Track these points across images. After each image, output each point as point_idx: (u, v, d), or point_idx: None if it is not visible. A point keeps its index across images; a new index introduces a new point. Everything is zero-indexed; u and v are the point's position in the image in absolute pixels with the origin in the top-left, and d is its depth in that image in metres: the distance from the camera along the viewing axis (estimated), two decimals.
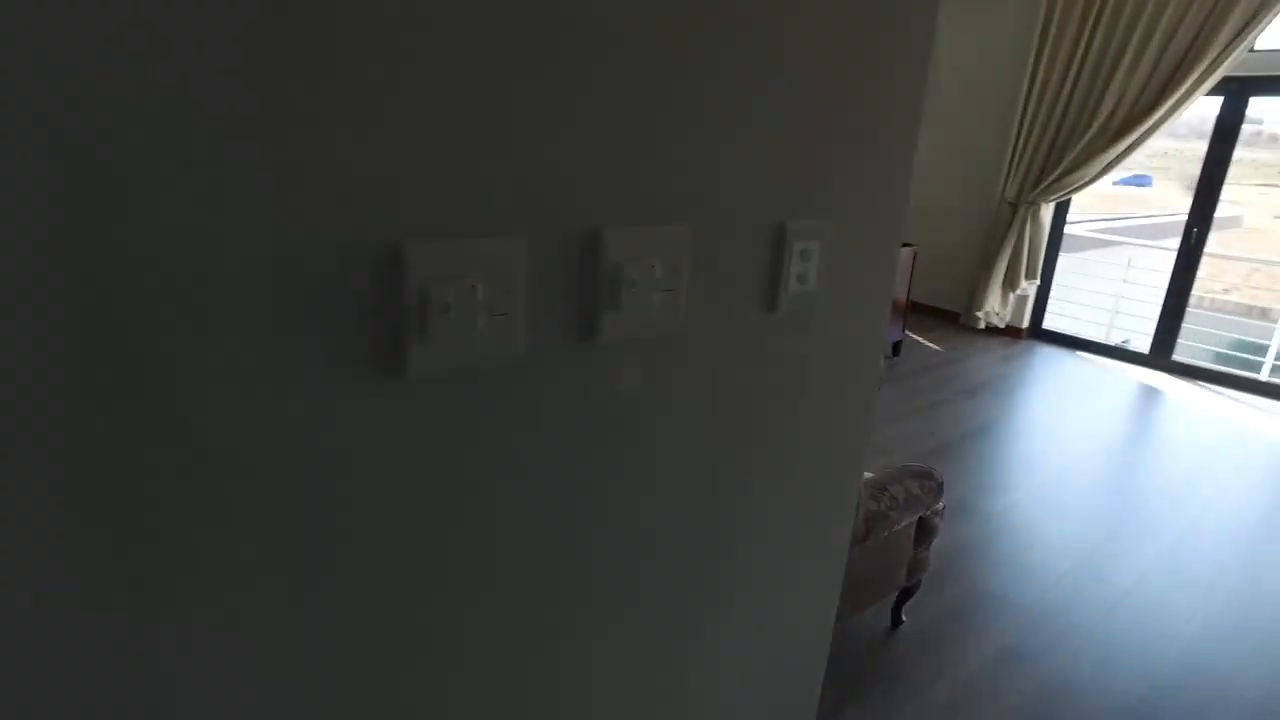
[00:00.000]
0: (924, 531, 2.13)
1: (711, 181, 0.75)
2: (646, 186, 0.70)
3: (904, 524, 1.96)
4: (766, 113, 0.76)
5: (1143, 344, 5.54)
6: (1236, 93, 4.91)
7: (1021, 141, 5.48)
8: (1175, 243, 5.32)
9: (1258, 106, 4.95)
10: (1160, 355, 5.35)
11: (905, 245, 4.86)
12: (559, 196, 0.65)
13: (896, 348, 5.00)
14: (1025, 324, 5.85)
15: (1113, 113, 5.06)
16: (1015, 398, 4.48)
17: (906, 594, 2.28)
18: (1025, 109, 5.44)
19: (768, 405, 0.89)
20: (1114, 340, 6.07)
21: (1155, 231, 9.54)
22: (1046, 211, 5.56)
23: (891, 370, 4.76)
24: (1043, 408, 4.38)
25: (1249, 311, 13.90)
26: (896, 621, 2.32)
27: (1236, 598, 2.67)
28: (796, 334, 0.89)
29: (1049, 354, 5.48)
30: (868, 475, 2.03)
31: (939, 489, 2.01)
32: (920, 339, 5.49)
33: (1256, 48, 4.76)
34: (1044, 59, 5.28)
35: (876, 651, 2.24)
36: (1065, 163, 5.27)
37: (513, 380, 0.66)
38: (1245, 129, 4.99)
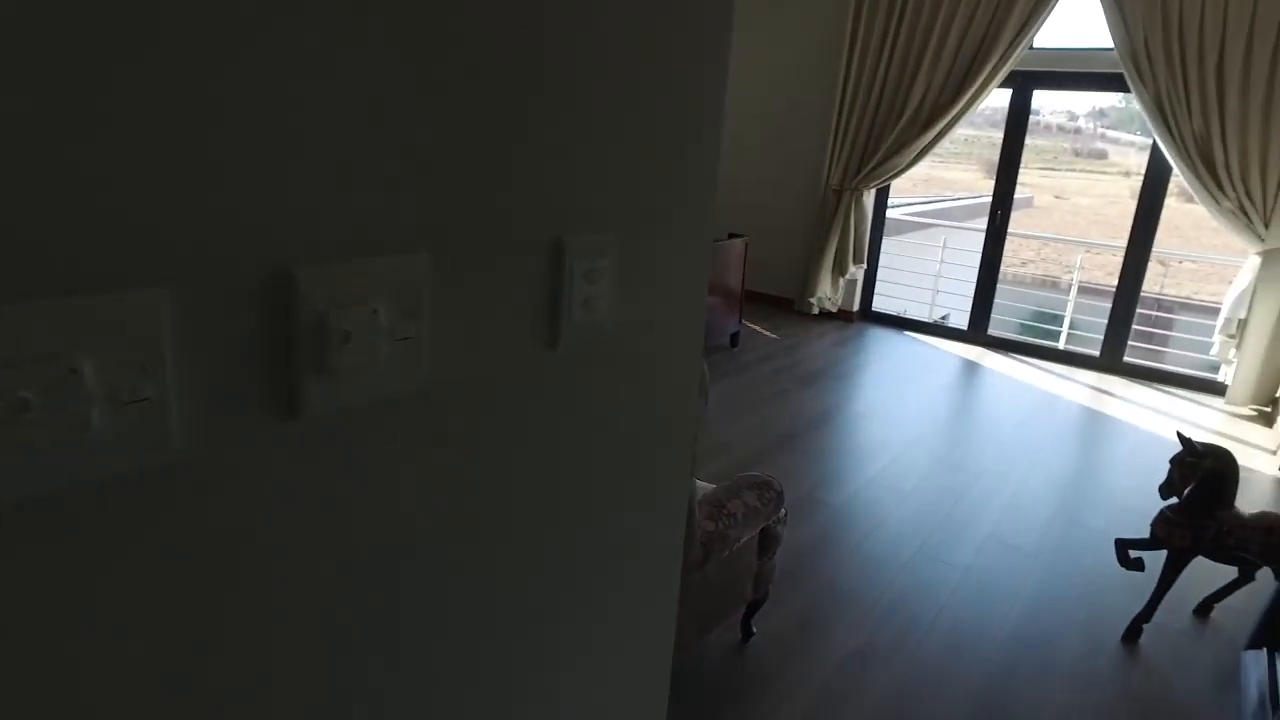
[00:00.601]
0: (767, 542, 2.05)
1: (458, 192, 0.56)
2: (361, 204, 0.51)
3: (746, 539, 1.86)
4: (527, 111, 0.58)
5: (962, 320, 5.86)
6: (1022, 85, 5.25)
7: (841, 131, 5.63)
8: (983, 223, 5.64)
9: (1035, 99, 5.33)
10: (977, 330, 5.67)
11: (736, 236, 4.87)
12: (215, 227, 0.44)
13: (735, 338, 5.01)
14: (856, 307, 6.04)
15: (921, 103, 5.29)
16: (851, 382, 4.59)
17: (755, 605, 2.19)
18: (843, 100, 5.59)
19: (559, 461, 0.72)
20: (936, 318, 6.41)
21: (964, 213, 10.23)
22: (869, 198, 5.75)
23: (731, 362, 4.75)
24: (877, 390, 4.50)
25: (1043, 283, 15.35)
26: (747, 634, 2.24)
27: (1058, 562, 2.79)
28: (590, 371, 0.72)
29: (879, 335, 5.69)
30: (703, 490, 1.92)
31: (779, 497, 1.93)
32: (757, 328, 5.54)
33: (1036, 45, 5.10)
34: (856, 52, 5.45)
35: (728, 670, 2.14)
36: (882, 150, 5.46)
37: (159, 493, 0.45)
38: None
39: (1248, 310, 4.55)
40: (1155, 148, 4.76)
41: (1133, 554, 2.42)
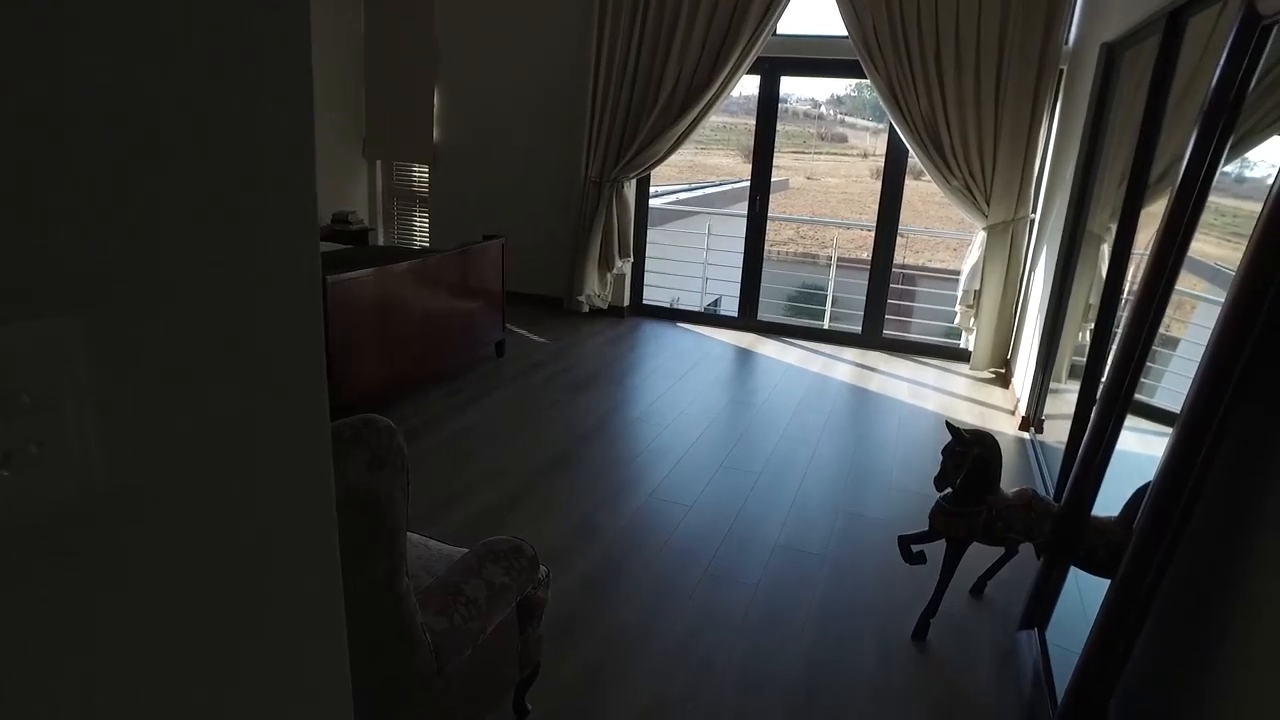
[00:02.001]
0: (529, 612, 1.72)
1: None
2: None
3: (497, 623, 1.52)
4: None
5: (734, 305, 5.87)
6: (770, 72, 5.31)
7: (596, 122, 5.41)
8: (744, 208, 5.66)
9: (784, 87, 5.43)
10: (747, 316, 5.70)
11: (492, 238, 4.49)
12: None
13: (500, 347, 4.64)
14: (626, 302, 5.88)
15: (674, 90, 5.18)
16: (625, 384, 4.38)
17: (526, 682, 1.86)
18: (595, 90, 5.36)
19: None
20: (706, 306, 6.41)
21: (727, 198, 10.50)
22: (630, 189, 5.58)
23: (498, 373, 4.38)
24: (652, 391, 4.32)
25: (803, 259, 16.34)
26: (522, 714, 1.90)
27: (845, 562, 2.71)
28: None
29: (652, 330, 5.55)
30: (439, 553, 1.55)
31: (532, 563, 1.61)
32: (525, 333, 5.20)
33: (781, 33, 5.16)
34: (605, 41, 5.24)
35: None
36: (639, 140, 5.30)
37: None
38: (778, 107, 5.45)
39: (980, 282, 4.86)
40: (893, 130, 4.96)
41: (914, 548, 2.36)
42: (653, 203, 6.19)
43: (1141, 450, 2.15)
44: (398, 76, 6.04)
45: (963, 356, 5.16)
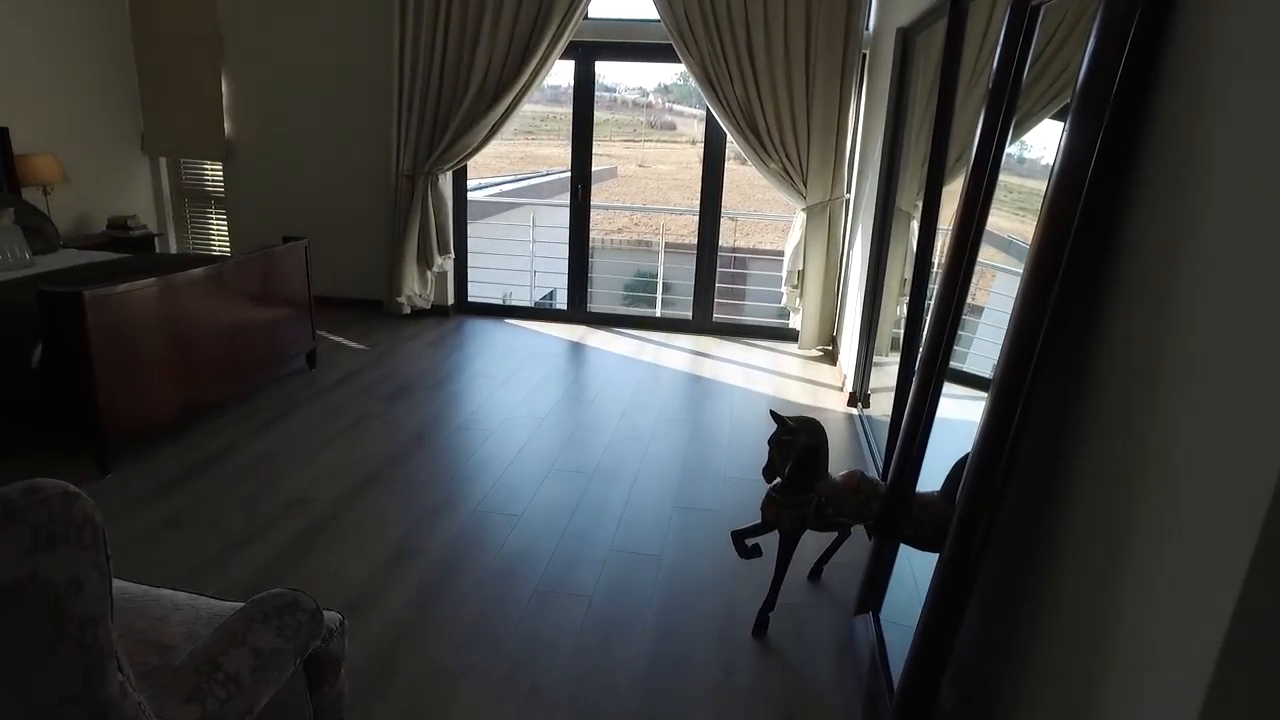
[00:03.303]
0: (321, 672, 1.48)
1: None
2: None
3: (271, 695, 1.27)
4: None
5: (563, 299, 5.70)
6: (584, 57, 5.16)
7: (405, 112, 5.07)
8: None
9: (612, 75, 5.32)
10: (577, 309, 5.55)
11: (293, 239, 4.08)
12: None
13: (311, 358, 4.24)
14: (451, 301, 5.57)
15: (485, 77, 4.93)
16: (448, 390, 4.11)
17: None
18: (401, 78, 5.02)
19: None
20: (537, 301, 6.20)
21: (556, 188, 10.29)
22: (446, 181, 5.27)
23: (308, 387, 3.99)
24: (478, 395, 4.08)
25: (637, 246, 16.44)
26: None
27: (682, 561, 2.61)
28: None
29: (479, 328, 5.29)
30: (204, 612, 1.29)
31: (314, 617, 1.37)
32: (340, 339, 4.81)
33: (593, 16, 5.03)
34: (409, 25, 4.90)
35: None
36: (452, 130, 5.01)
37: None
38: (605, 95, 5.32)
39: (803, 262, 4.96)
40: (712, 115, 4.95)
41: (748, 542, 2.29)
42: (476, 195, 5.91)
43: (962, 418, 2.17)
44: (175, 61, 5.40)
45: (792, 336, 5.25)
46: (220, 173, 5.69)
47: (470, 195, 5.78)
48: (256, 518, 2.73)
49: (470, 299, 5.71)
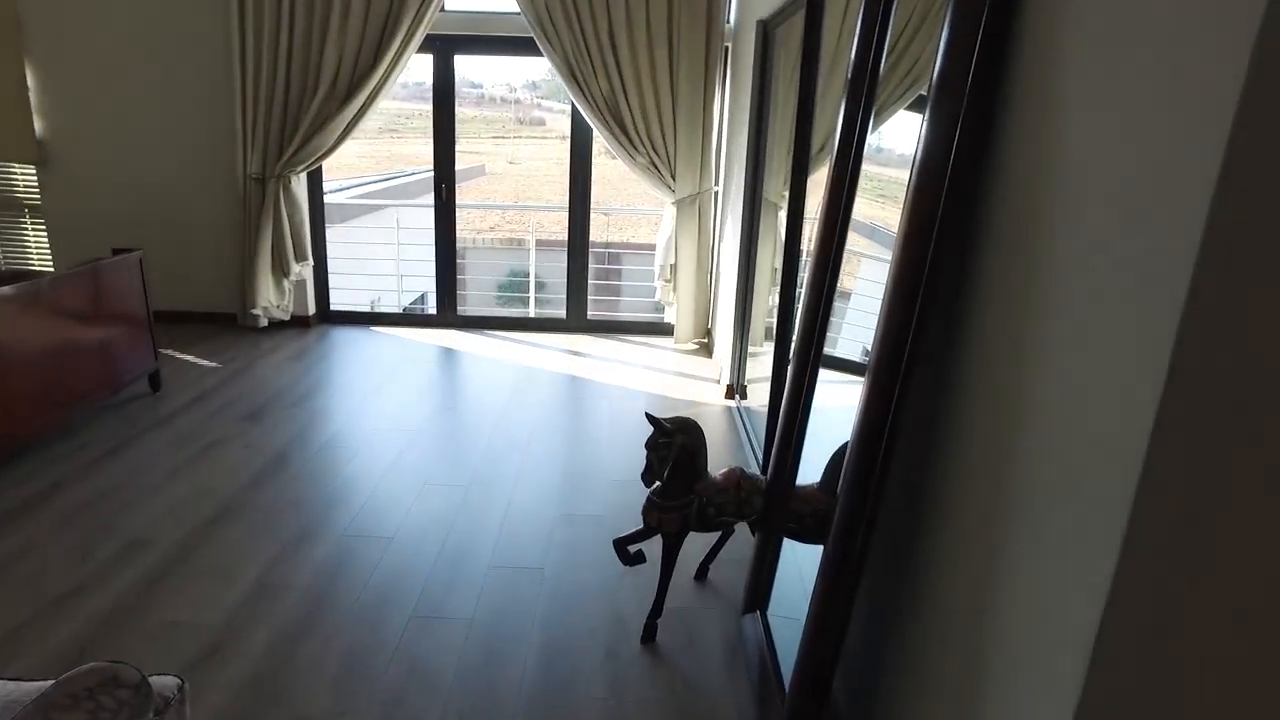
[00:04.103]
0: None
1: None
2: None
3: None
4: None
5: (434, 303, 5.48)
6: (443, 51, 4.96)
7: (250, 111, 4.71)
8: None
9: (478, 73, 5.15)
10: (447, 312, 5.35)
11: (124, 250, 3.71)
12: None
13: (154, 380, 3.87)
14: (312, 310, 5.25)
15: (337, 73, 4.65)
16: (311, 406, 3.85)
17: None
18: (244, 74, 4.66)
19: None
20: (406, 306, 5.94)
21: (422, 187, 9.93)
22: (299, 184, 4.95)
23: (151, 412, 3.64)
24: (343, 410, 3.84)
25: (510, 244, 16.16)
26: None
27: (567, 573, 2.52)
28: None
29: (344, 338, 5.00)
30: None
31: (139, 692, 1.19)
32: (189, 357, 4.43)
33: (451, 8, 4.84)
34: (249, 17, 4.55)
35: None
36: (303, 129, 4.70)
37: None
38: (471, 92, 5.13)
39: (675, 255, 4.95)
40: (576, 109, 4.85)
41: (631, 549, 2.22)
42: (336, 197, 5.58)
43: (839, 405, 2.18)
44: None
45: (667, 331, 5.24)
46: (34, 177, 5.12)
47: (329, 198, 5.47)
48: (88, 567, 2.44)
49: (334, 307, 5.40)
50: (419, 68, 5.01)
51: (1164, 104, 0.87)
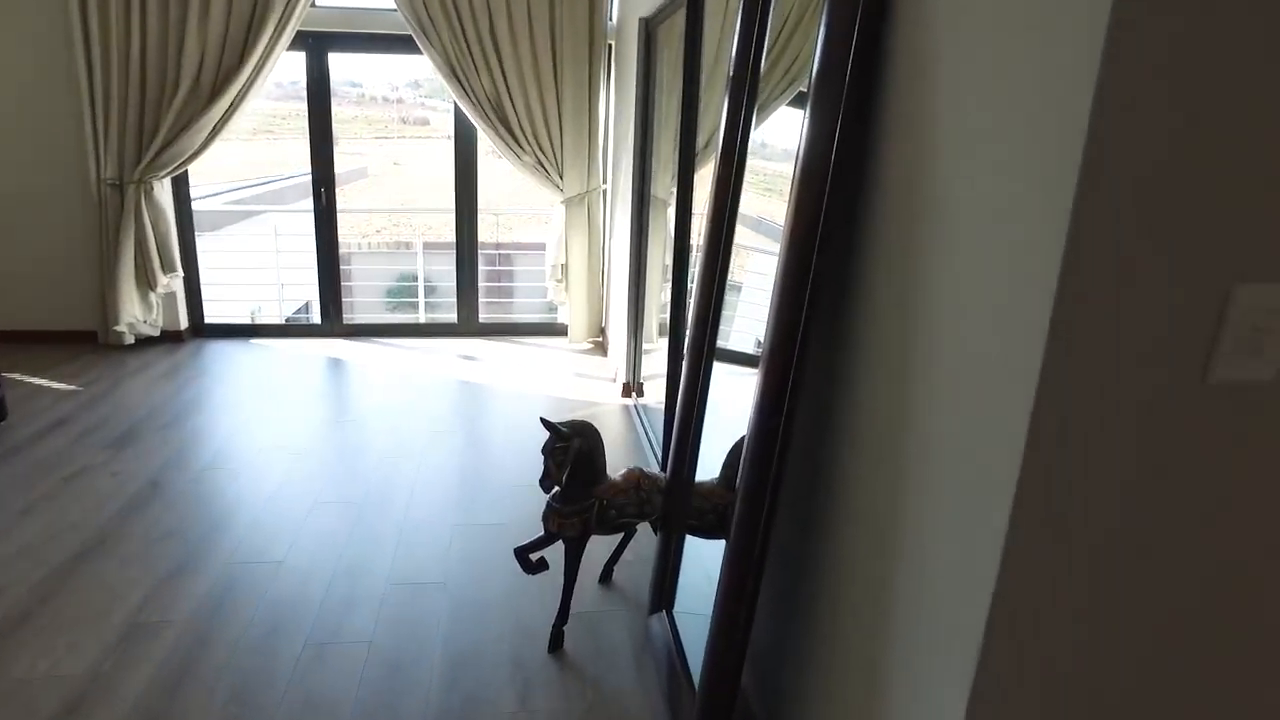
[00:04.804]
0: None
1: None
2: None
3: None
4: None
5: (317, 312, 5.25)
6: (316, 48, 4.75)
7: (99, 112, 4.37)
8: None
9: (358, 71, 4.94)
10: (333, 321, 5.13)
11: None
12: None
13: (1, 407, 3.55)
14: (184, 324, 4.93)
15: (199, 70, 4.37)
16: (191, 424, 3.61)
17: None
18: (90, 74, 4.32)
19: None
20: (289, 316, 5.67)
21: (298, 193, 9.50)
22: (163, 190, 4.63)
23: None
24: (221, 429, 3.62)
25: (398, 248, 15.70)
26: None
27: (469, 586, 2.45)
28: None
29: (222, 352, 4.72)
30: None
31: None
32: (42, 381, 4.08)
33: (320, 3, 4.64)
34: (92, 13, 4.22)
35: None
36: (164, 131, 4.40)
37: None
38: (352, 90, 4.94)
39: (566, 254, 4.91)
40: (459, 109, 4.74)
41: (533, 557, 2.18)
42: (207, 204, 5.26)
43: (734, 398, 2.20)
44: None
45: (562, 331, 5.20)
46: None
47: (199, 204, 5.15)
48: None
49: (209, 320, 5.08)
50: (293, 66, 4.78)
51: (1026, 97, 0.90)
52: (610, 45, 4.76)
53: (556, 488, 2.09)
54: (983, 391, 0.98)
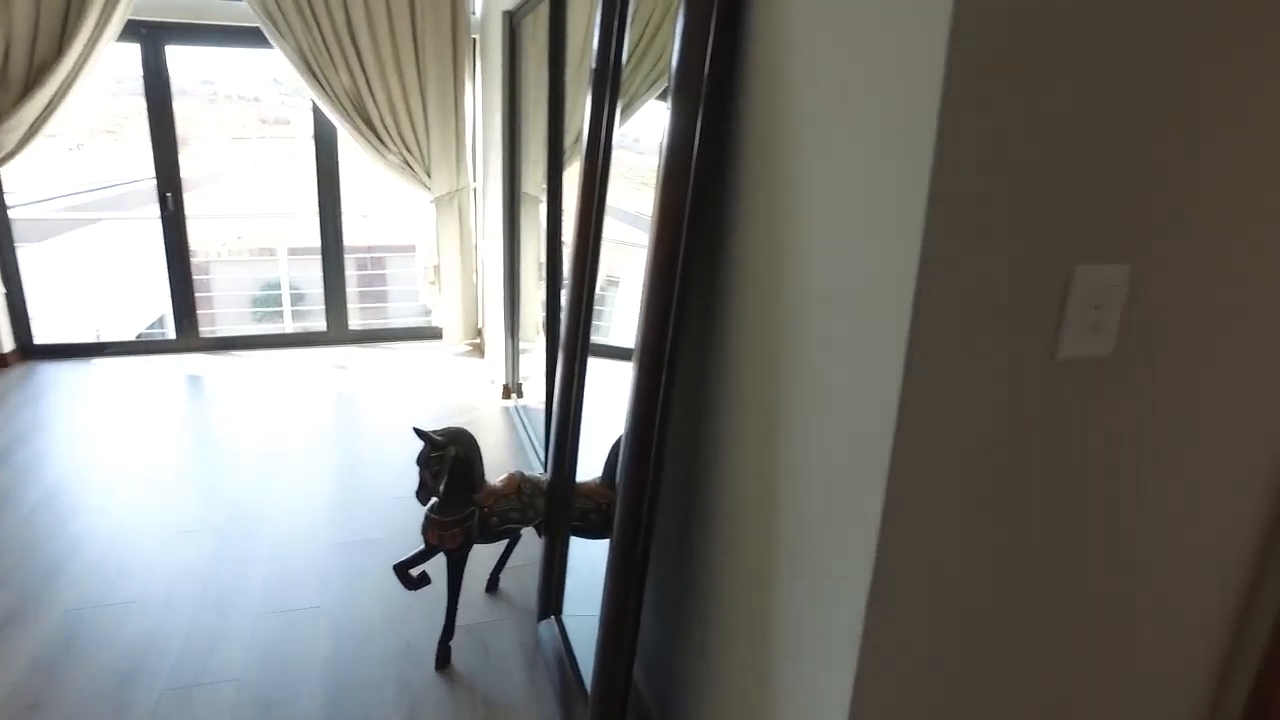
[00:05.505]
0: None
1: None
2: None
3: None
4: None
5: (173, 326, 4.88)
6: (150, 39, 4.40)
7: None
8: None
9: (209, 66, 4.60)
10: (187, 335, 4.79)
11: None
12: None
13: None
14: (9, 346, 4.47)
15: (6, 63, 3.96)
16: (20, 459, 3.27)
17: None
18: None
19: None
20: (140, 332, 5.25)
21: (142, 199, 8.82)
22: None
23: None
24: (58, 458, 3.30)
25: (261, 254, 14.88)
26: None
27: (348, 608, 2.33)
28: None
29: (58, 375, 4.32)
30: None
31: None
32: None
33: None
34: None
35: None
36: None
37: None
38: (204, 88, 4.59)
39: (438, 255, 4.76)
40: (317, 106, 4.51)
41: (414, 572, 2.09)
42: (32, 211, 4.77)
43: (615, 395, 2.17)
44: None
45: (437, 335, 5.04)
46: None
47: (18, 211, 4.67)
48: None
49: (40, 341, 4.63)
50: (131, 59, 4.41)
51: (878, 90, 0.90)
52: (475, 39, 4.64)
53: (434, 498, 2.00)
54: (850, 378, 0.99)
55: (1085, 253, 0.90)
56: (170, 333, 4.93)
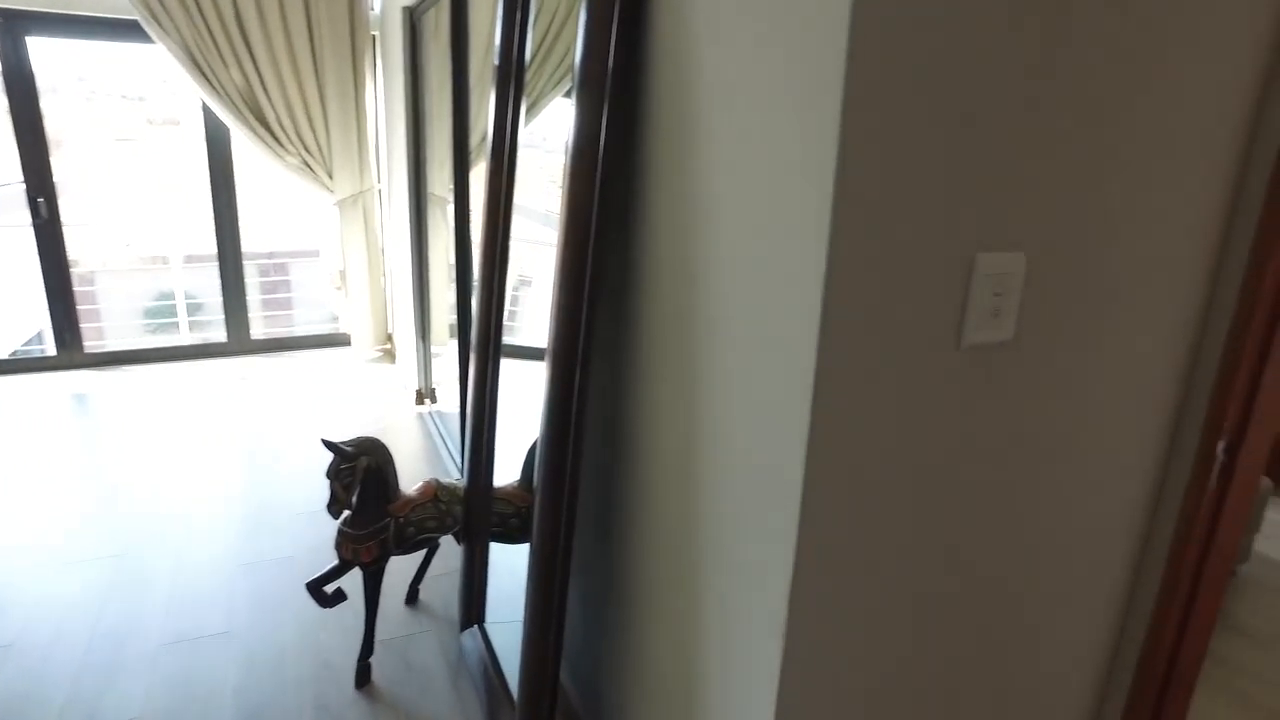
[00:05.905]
0: None
1: None
2: None
3: None
4: None
5: (53, 341, 4.56)
6: (9, 30, 4.09)
7: None
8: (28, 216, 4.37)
9: (87, 66, 4.28)
10: (71, 351, 4.49)
11: None
12: None
13: None
14: None
15: None
16: None
17: None
18: None
19: None
20: (18, 349, 4.89)
21: (7, 204, 8.22)
22: None
23: None
24: None
25: (154, 263, 14.11)
26: None
27: (258, 632, 2.22)
28: None
29: None
30: None
31: None
32: None
33: None
34: None
35: None
36: None
37: None
38: (81, 86, 4.28)
39: (344, 259, 4.61)
40: (207, 105, 4.29)
41: (328, 589, 2.01)
42: None
43: (535, 394, 2.14)
44: None
45: (346, 341, 4.88)
46: None
47: None
48: None
49: None
50: None
51: (783, 84, 0.91)
52: (375, 36, 4.50)
53: (347, 512, 1.93)
54: (762, 373, 0.99)
55: (986, 241, 0.92)
56: (50, 349, 4.61)
